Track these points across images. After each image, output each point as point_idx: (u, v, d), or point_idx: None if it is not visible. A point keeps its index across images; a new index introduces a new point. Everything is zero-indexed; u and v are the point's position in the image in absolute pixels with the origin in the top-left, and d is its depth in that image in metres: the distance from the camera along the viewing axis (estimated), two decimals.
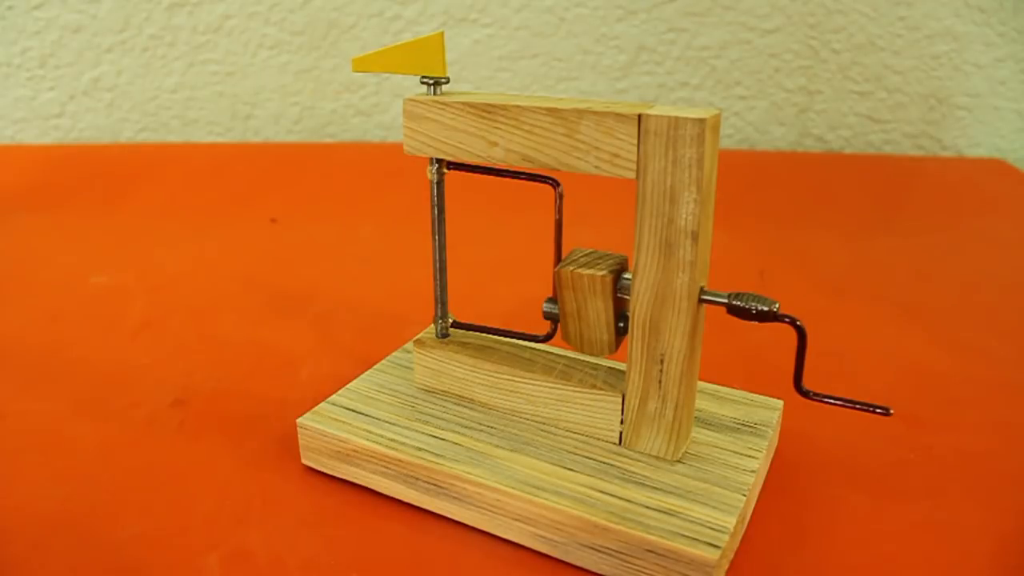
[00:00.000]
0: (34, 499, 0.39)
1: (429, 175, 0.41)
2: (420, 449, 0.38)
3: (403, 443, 0.39)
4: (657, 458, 0.38)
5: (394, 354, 0.47)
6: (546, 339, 0.41)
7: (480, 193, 0.64)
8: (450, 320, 0.43)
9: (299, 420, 0.41)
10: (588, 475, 0.37)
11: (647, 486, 0.36)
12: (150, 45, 0.98)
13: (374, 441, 0.39)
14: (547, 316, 0.41)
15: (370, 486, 0.40)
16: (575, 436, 0.40)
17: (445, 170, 0.40)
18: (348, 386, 0.44)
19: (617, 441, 0.39)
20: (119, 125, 1.01)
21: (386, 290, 0.63)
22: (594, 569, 0.35)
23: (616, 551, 0.34)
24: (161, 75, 0.99)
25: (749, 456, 0.39)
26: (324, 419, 0.40)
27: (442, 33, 0.37)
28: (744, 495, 0.36)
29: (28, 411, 0.47)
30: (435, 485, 0.37)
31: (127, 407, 0.47)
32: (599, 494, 0.36)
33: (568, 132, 0.35)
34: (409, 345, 0.48)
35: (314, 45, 0.98)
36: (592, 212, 0.70)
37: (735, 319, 0.36)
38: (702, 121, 0.32)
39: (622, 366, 0.40)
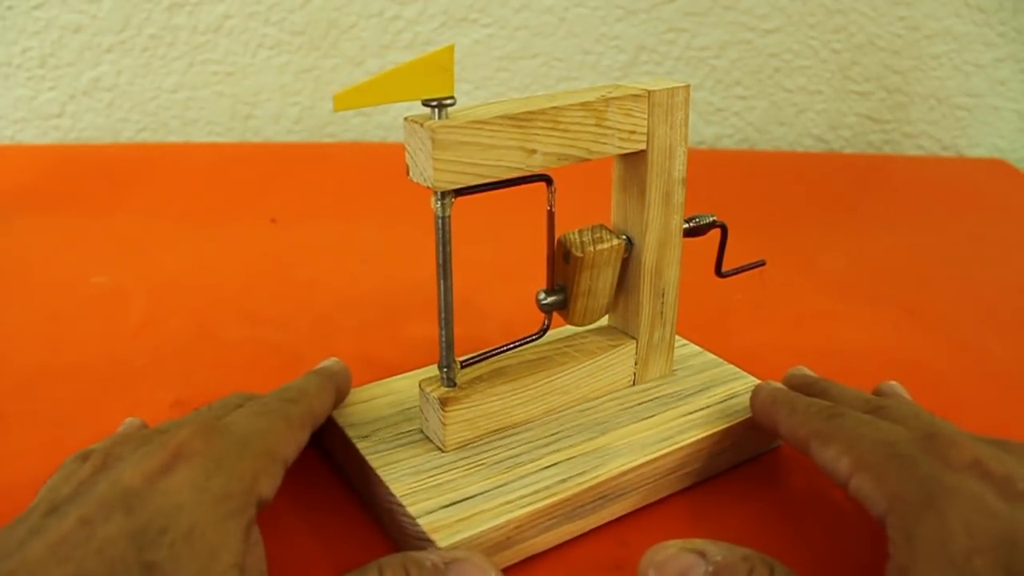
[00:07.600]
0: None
1: (436, 208, 0.35)
2: (562, 481, 0.36)
3: (539, 488, 0.36)
4: (663, 378, 0.44)
5: (360, 446, 0.39)
6: (544, 333, 0.41)
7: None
8: (458, 364, 0.39)
9: (441, 546, 0.33)
10: (663, 412, 0.41)
11: (697, 393, 0.43)
12: (150, 45, 0.98)
13: (526, 505, 0.35)
14: (547, 308, 0.40)
15: (522, 556, 0.35)
16: (604, 399, 0.42)
17: (453, 199, 0.35)
18: (398, 496, 0.35)
19: (632, 383, 0.43)
20: (119, 125, 1.01)
21: (386, 290, 0.63)
22: (724, 468, 0.41)
23: (733, 445, 0.41)
24: (161, 75, 0.99)
25: (684, 344, 0.47)
26: (454, 525, 0.33)
27: (452, 46, 0.32)
28: (729, 362, 0.45)
29: (28, 411, 0.47)
30: (601, 497, 0.36)
31: (127, 408, 0.47)
32: (691, 415, 0.41)
33: (598, 121, 0.37)
34: (355, 426, 0.40)
35: (314, 45, 0.98)
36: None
37: None
38: (688, 87, 0.39)
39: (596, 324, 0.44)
